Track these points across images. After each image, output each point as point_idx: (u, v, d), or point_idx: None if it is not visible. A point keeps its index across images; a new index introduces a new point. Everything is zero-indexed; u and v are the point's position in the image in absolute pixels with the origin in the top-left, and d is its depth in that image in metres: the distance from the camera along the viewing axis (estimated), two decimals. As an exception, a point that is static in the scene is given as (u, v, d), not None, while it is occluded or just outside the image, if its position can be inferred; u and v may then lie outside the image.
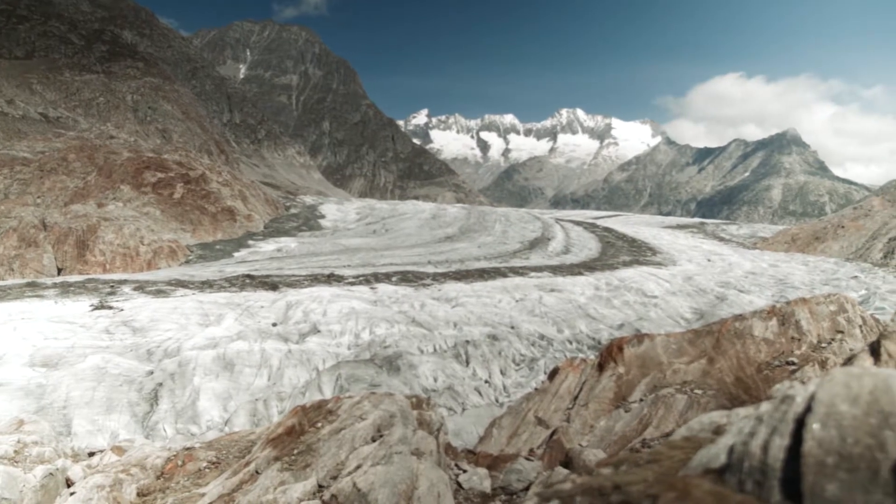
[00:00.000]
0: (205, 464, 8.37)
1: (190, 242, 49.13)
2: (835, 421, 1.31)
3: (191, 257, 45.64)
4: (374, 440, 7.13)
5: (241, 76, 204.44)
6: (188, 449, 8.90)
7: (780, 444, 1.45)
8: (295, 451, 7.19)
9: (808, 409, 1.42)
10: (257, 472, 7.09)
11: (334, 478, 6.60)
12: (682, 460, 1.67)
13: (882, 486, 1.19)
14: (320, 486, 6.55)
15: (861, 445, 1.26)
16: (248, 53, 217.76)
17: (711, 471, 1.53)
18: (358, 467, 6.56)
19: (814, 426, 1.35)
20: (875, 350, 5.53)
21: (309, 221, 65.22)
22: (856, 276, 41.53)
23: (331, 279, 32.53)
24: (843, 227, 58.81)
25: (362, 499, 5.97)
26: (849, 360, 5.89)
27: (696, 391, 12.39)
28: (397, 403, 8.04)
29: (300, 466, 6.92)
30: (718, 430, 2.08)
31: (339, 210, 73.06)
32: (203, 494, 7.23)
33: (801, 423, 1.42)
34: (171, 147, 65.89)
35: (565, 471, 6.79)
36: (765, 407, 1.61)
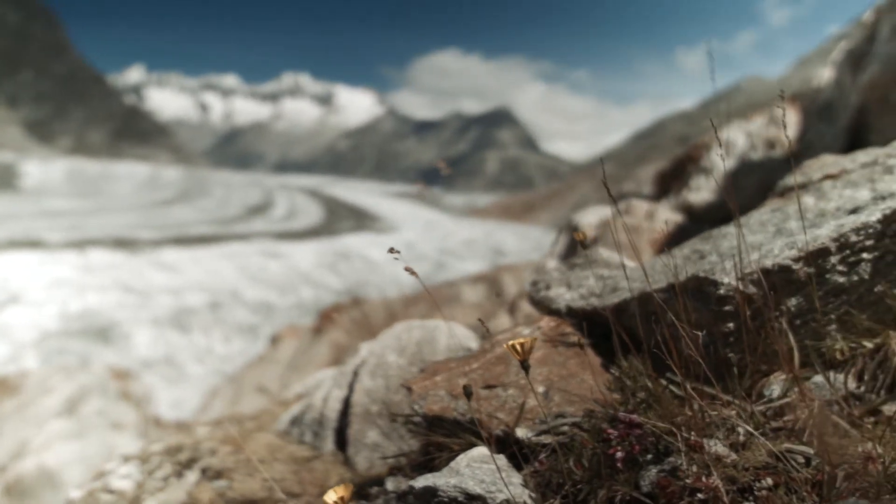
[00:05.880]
0: None
1: None
2: (382, 371, 1.44)
3: None
4: (67, 414, 6.71)
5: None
6: None
7: (338, 395, 1.56)
8: (-31, 434, 6.55)
9: (364, 360, 1.55)
10: (-82, 463, 6.36)
11: (19, 457, 6.13)
12: (279, 416, 1.74)
13: (410, 434, 1.33)
14: (1, 468, 6.06)
15: (402, 393, 1.39)
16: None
17: (291, 424, 1.62)
18: (46, 445, 6.15)
19: (363, 377, 1.47)
20: (512, 309, 6.18)
21: (7, 181, 58.94)
22: (558, 245, 45.82)
23: (34, 245, 30.04)
24: (549, 199, 64.56)
25: (51, 478, 5.60)
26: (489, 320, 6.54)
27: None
28: (94, 375, 7.64)
29: (-25, 450, 6.33)
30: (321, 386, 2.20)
31: (43, 169, 66.54)
32: None
33: (356, 375, 1.54)
34: None
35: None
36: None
